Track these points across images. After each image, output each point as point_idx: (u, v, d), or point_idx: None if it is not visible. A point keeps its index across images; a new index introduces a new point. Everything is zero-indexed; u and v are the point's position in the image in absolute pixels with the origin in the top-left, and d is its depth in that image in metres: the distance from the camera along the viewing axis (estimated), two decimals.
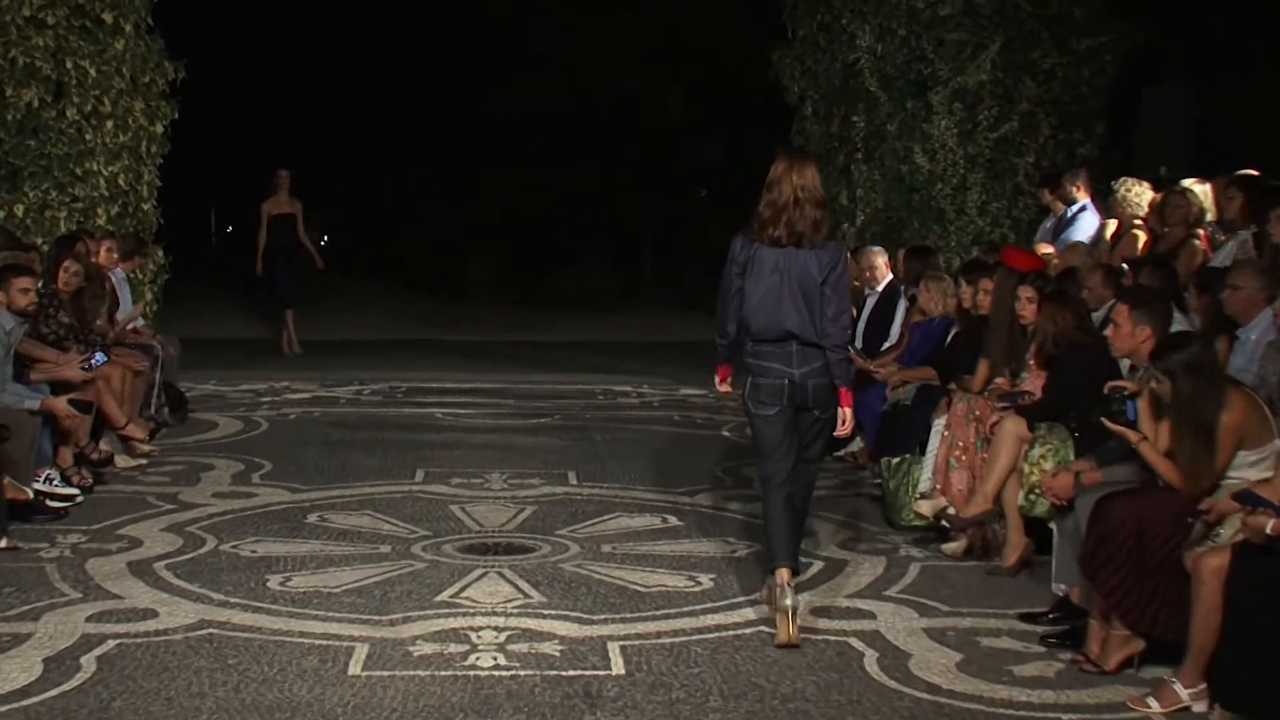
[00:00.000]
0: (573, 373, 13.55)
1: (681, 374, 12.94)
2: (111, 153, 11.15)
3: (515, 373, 13.48)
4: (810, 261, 5.44)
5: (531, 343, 16.57)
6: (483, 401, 11.48)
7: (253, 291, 16.93)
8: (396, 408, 11.10)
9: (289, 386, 12.19)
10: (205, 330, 15.52)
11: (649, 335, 17.34)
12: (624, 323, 19.42)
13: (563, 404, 11.41)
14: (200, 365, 12.76)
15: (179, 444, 9.16)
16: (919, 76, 11.60)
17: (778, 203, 5.47)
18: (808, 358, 5.46)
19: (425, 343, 16.32)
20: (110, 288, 9.34)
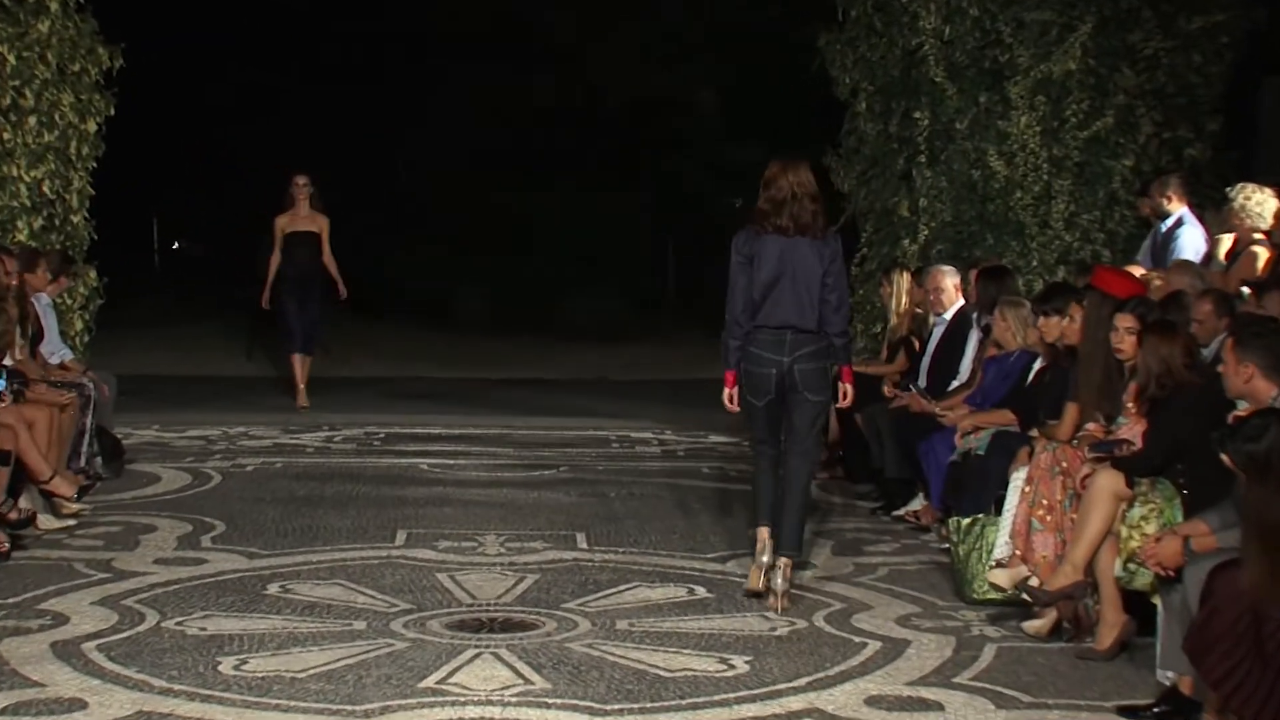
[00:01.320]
0: (583, 416, 13.58)
1: (710, 418, 12.91)
2: (35, 155, 11.26)
3: (515, 416, 13.52)
4: (812, 253, 6.97)
5: (534, 381, 16.62)
6: (476, 450, 11.50)
7: (200, 318, 17.06)
8: (374, 457, 11.14)
9: (245, 433, 12.25)
10: (146, 365, 15.63)
11: (673, 372, 17.36)
12: (644, 357, 19.45)
13: (571, 453, 11.43)
14: (140, 407, 12.83)
15: (114, 501, 9.20)
16: (994, 65, 11.66)
17: (777, 198, 7.02)
18: (799, 344, 6.99)
19: (408, 380, 16.39)
20: (33, 315, 9.42)
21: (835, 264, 7.03)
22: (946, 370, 9.28)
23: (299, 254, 13.34)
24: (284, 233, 13.39)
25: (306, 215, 13.41)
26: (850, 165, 12.88)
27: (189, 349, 18.78)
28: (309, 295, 13.40)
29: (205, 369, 17.08)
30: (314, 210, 13.43)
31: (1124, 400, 6.80)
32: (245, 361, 17.85)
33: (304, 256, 13.33)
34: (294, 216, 13.42)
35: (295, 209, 13.42)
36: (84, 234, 11.94)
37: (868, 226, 12.73)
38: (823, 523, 8.88)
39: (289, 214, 13.42)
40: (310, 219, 13.42)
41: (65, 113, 11.51)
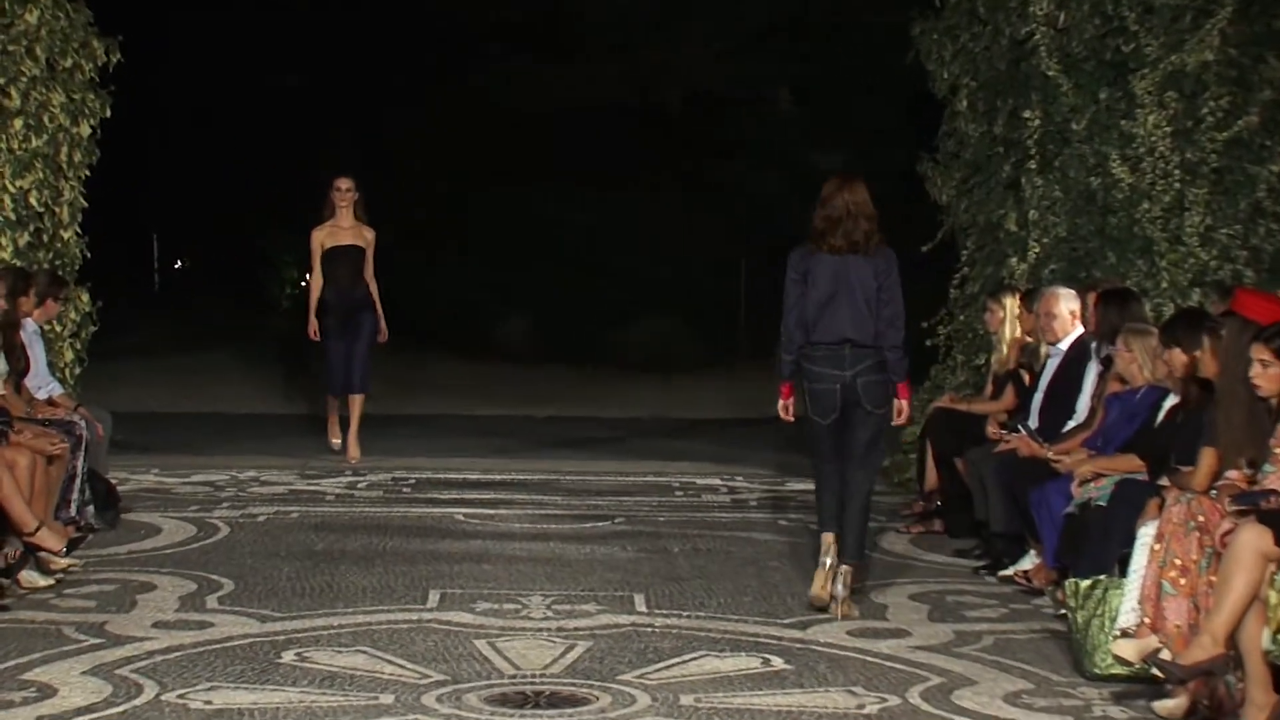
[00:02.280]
0: (641, 459, 13.59)
1: (787, 462, 12.91)
2: (21, 162, 11.38)
3: (563, 459, 13.55)
4: (866, 268, 8.05)
5: (585, 419, 16.65)
6: (519, 498, 11.52)
7: (206, 347, 17.21)
8: (403, 506, 11.18)
9: (257, 478, 12.33)
10: (145, 401, 15.79)
11: (744, 409, 17.32)
12: (711, 392, 19.46)
13: (627, 502, 11.42)
14: (138, 448, 12.94)
15: (108, 556, 9.27)
16: (1117, 56, 11.59)
17: (832, 216, 8.10)
18: (859, 359, 8.05)
19: (441, 419, 16.46)
20: (19, 344, 9.52)
21: (889, 278, 8.08)
22: (1061, 409, 9.21)
23: (341, 274, 12.80)
24: (323, 249, 12.83)
25: (349, 227, 12.84)
26: (949, 173, 12.84)
27: (193, 382, 18.95)
28: (355, 323, 12.83)
29: (212, 405, 17.22)
30: (358, 221, 12.87)
31: (1271, 444, 6.72)
32: (257, 396, 18.00)
33: (347, 277, 12.80)
34: (334, 229, 12.84)
35: (336, 219, 12.84)
36: (75, 251, 12.05)
37: (969, 243, 12.69)
38: (919, 584, 8.82)
39: (328, 226, 12.84)
40: (354, 231, 12.85)
41: (55, 114, 11.63)
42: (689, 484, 12.39)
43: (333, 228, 12.87)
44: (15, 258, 11.13)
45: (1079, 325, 9.42)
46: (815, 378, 8.10)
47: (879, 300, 8.04)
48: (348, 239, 12.85)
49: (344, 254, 12.80)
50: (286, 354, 14.44)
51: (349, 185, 12.89)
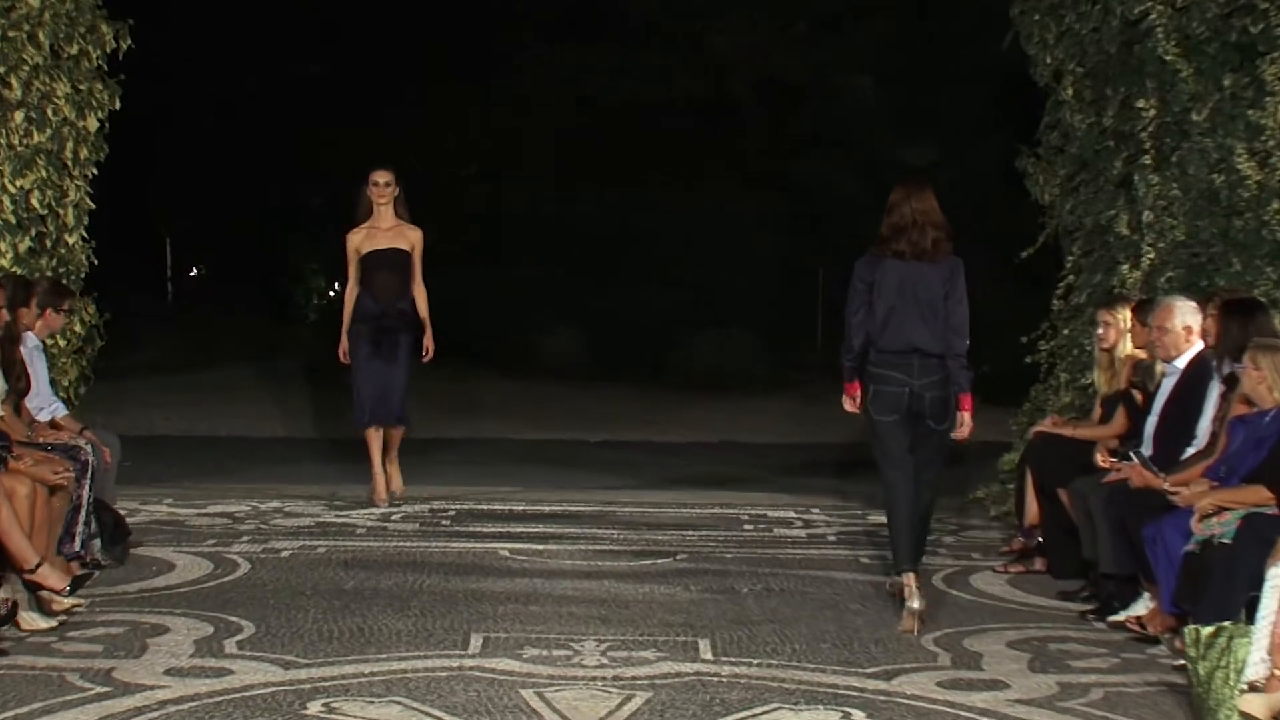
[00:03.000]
0: (706, 488, 13.60)
1: (870, 492, 12.85)
2: (22, 159, 11.45)
3: (619, 488, 13.56)
4: (933, 276, 8.73)
5: (643, 444, 16.67)
6: (570, 531, 11.53)
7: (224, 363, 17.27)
8: (442, 541, 11.20)
9: (280, 509, 12.39)
10: (157, 423, 15.91)
11: (821, 433, 17.30)
12: (784, 414, 19.43)
13: (691, 536, 11.41)
14: (149, 476, 13.03)
15: (116, 595, 9.31)
16: (1243, 37, 11.49)
17: (898, 224, 8.80)
18: (928, 370, 8.73)
19: (486, 444, 16.51)
20: (19, 360, 9.58)
21: (956, 286, 8.75)
22: (1179, 433, 9.13)
23: (380, 282, 12.34)
24: (360, 254, 12.39)
25: (390, 228, 12.40)
26: (1052, 169, 12.78)
27: (210, 402, 19.05)
28: (393, 342, 12.36)
29: (231, 428, 17.33)
30: (400, 220, 12.46)
31: None
32: (281, 418, 18.08)
33: (388, 286, 12.33)
34: (373, 230, 12.41)
35: (374, 219, 12.42)
36: (81, 258, 12.11)
37: (1075, 248, 12.61)
38: (1017, 630, 8.77)
39: (365, 227, 12.42)
40: (396, 233, 12.42)
41: (60, 106, 11.69)
42: (759, 516, 12.36)
43: (370, 229, 12.40)
44: (15, 265, 11.19)
45: (1199, 340, 9.33)
46: (882, 380, 8.81)
47: (945, 309, 8.72)
48: (388, 241, 12.36)
49: (384, 259, 12.33)
50: (314, 371, 14.44)
51: (388, 179, 12.45)
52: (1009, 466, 11.95)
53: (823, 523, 12.17)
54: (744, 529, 11.86)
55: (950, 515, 12.27)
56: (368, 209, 12.47)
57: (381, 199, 12.44)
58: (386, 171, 12.55)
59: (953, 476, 13.90)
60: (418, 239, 12.52)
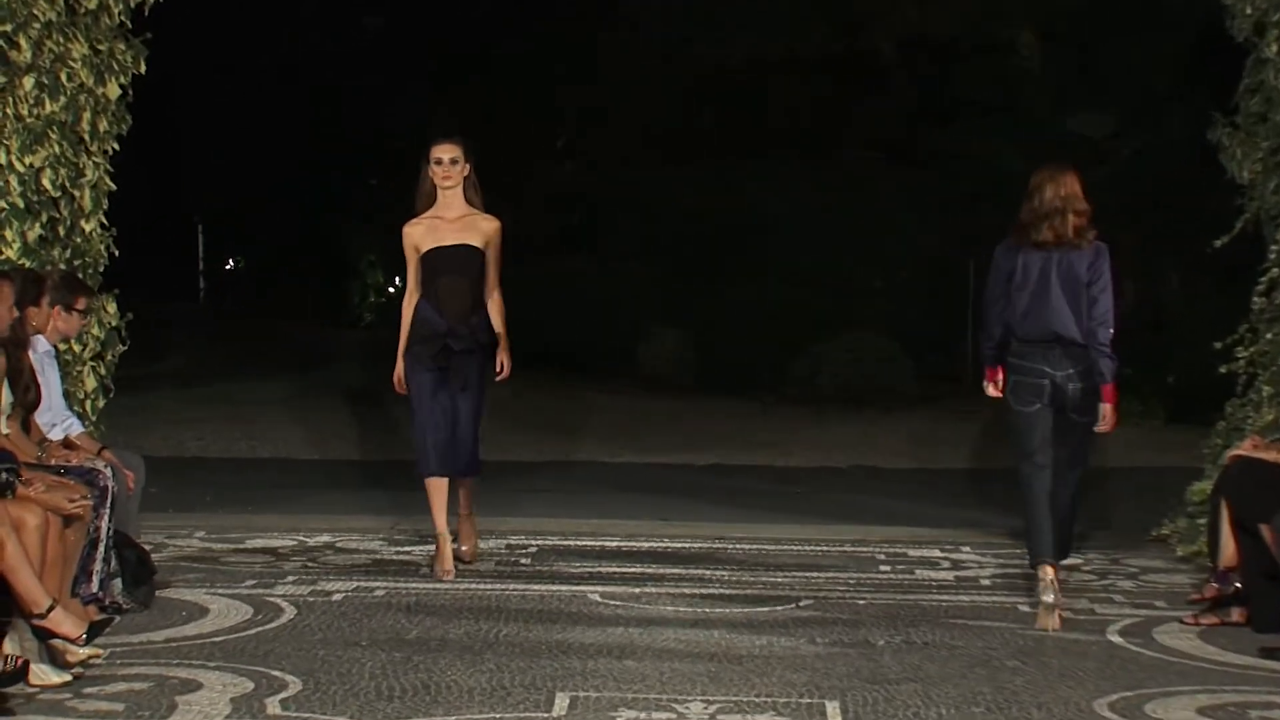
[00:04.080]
0: (835, 521, 13.55)
1: None
2: (32, 133, 11.48)
3: (731, 521, 13.53)
4: (1076, 263, 9.75)
5: (760, 469, 16.62)
6: (673, 572, 11.50)
7: (265, 371, 17.27)
8: (521, 583, 11.18)
9: (332, 543, 12.43)
10: (187, 441, 15.98)
11: (971, 456, 17.22)
12: (928, 433, 19.33)
13: (815, 578, 11.36)
14: (178, 503, 13.09)
15: (140, 644, 9.34)
16: None
17: (1040, 210, 9.80)
18: (1070, 360, 9.80)
19: (574, 468, 16.49)
20: (28, 368, 9.65)
21: (1100, 274, 9.73)
22: None
23: (447, 289, 11.17)
24: (420, 252, 11.25)
25: (459, 218, 11.23)
26: (1252, 142, 12.64)
27: (250, 418, 19.16)
28: (464, 365, 11.18)
29: (273, 448, 17.41)
30: (471, 208, 11.30)
31: None
32: (332, 437, 18.17)
33: (456, 294, 11.17)
34: (435, 223, 11.25)
35: (438, 207, 11.26)
36: (100, 248, 12.13)
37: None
38: (1211, 693, 8.68)
39: (427, 218, 11.27)
40: (466, 225, 11.24)
41: (76, 71, 11.71)
42: (898, 555, 12.28)
43: (433, 221, 11.25)
44: (23, 256, 11.21)
45: None
46: (1023, 371, 9.89)
47: (1089, 298, 9.75)
48: (456, 236, 11.19)
49: (451, 259, 11.15)
50: (370, 381, 14.39)
51: (454, 154, 11.22)
52: (1200, 498, 11.83)
53: (974, 563, 12.07)
54: (880, 570, 11.78)
55: (1128, 555, 12.17)
56: (429, 194, 11.27)
57: (447, 181, 11.20)
58: (452, 145, 11.27)
59: (1131, 509, 13.82)
60: (494, 232, 11.29)
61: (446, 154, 11.25)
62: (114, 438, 11.51)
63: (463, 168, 11.27)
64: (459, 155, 11.28)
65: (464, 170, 11.27)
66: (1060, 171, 9.94)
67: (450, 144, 11.31)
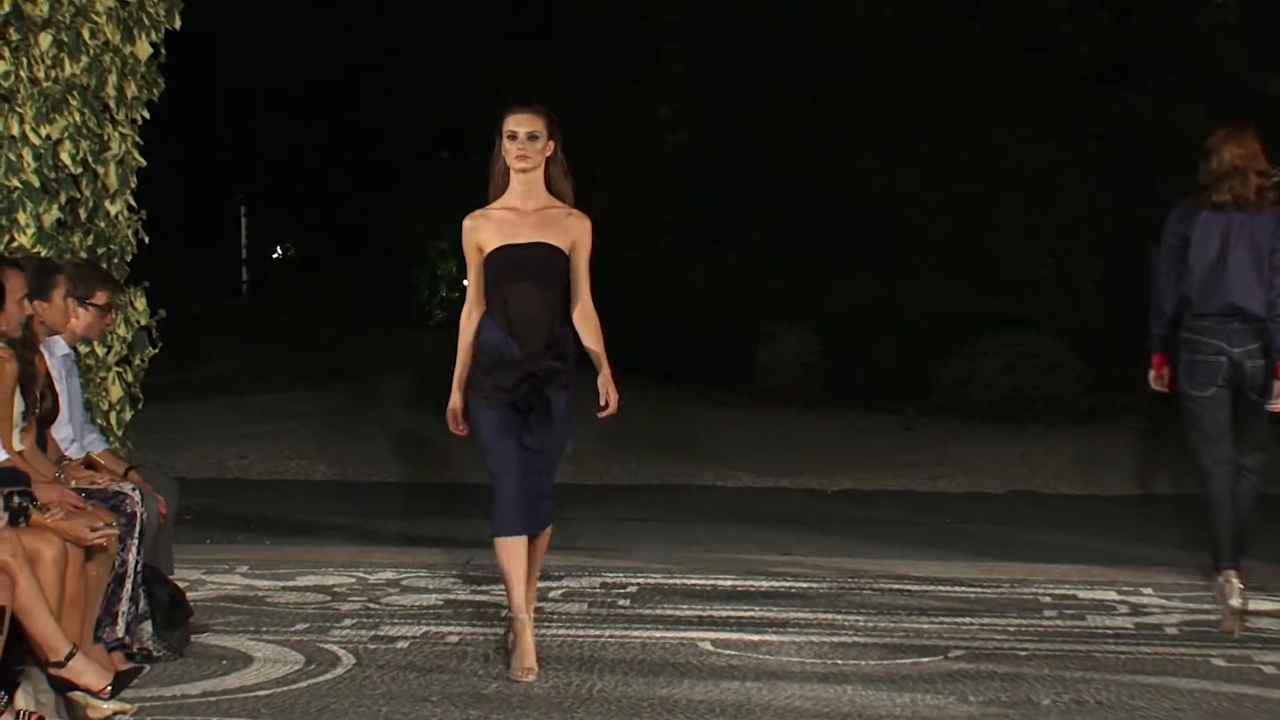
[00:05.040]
0: (990, 557, 13.56)
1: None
2: (49, 99, 11.55)
3: (864, 556, 13.50)
4: (1258, 230, 10.28)
5: (902, 495, 16.58)
6: (797, 617, 11.45)
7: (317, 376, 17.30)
8: (619, 628, 11.15)
9: (396, 580, 12.43)
10: (227, 460, 16.01)
11: (1152, 481, 17.13)
12: (1101, 455, 19.25)
13: (968, 625, 11.29)
14: (217, 532, 13.13)
15: (173, 698, 9.38)
16: None
17: (1217, 171, 10.33)
18: (1248, 336, 10.31)
19: (679, 493, 16.50)
20: (43, 374, 9.68)
21: None
22: None
23: (520, 302, 9.96)
24: (485, 252, 10.06)
25: (538, 209, 10.06)
26: None
27: (300, 434, 19.24)
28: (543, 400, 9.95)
29: (327, 468, 17.48)
30: (556, 199, 10.14)
31: None
32: (396, 456, 18.21)
33: (532, 309, 9.96)
34: (507, 215, 10.05)
35: (512, 195, 10.05)
36: (127, 233, 12.20)
37: None
38: None
39: (496, 210, 10.06)
40: (547, 219, 10.07)
41: (100, 26, 11.77)
42: (1066, 598, 12.17)
43: (504, 214, 10.10)
44: (39, 243, 11.28)
45: None
46: (1197, 348, 10.47)
47: (1271, 266, 10.31)
48: (533, 233, 10.02)
49: (526, 264, 10.01)
50: (442, 390, 14.29)
51: (534, 127, 9.99)
52: None
53: (1158, 608, 11.95)
54: (1044, 615, 11.68)
55: None
56: (502, 179, 10.11)
57: (523, 161, 10.00)
58: (532, 114, 10.03)
59: None
60: (582, 233, 10.14)
61: (524, 126, 9.97)
62: (143, 456, 11.56)
63: (544, 145, 10.04)
64: (540, 129, 10.01)
65: (546, 148, 10.05)
66: (1240, 130, 10.47)
67: (529, 113, 10.03)
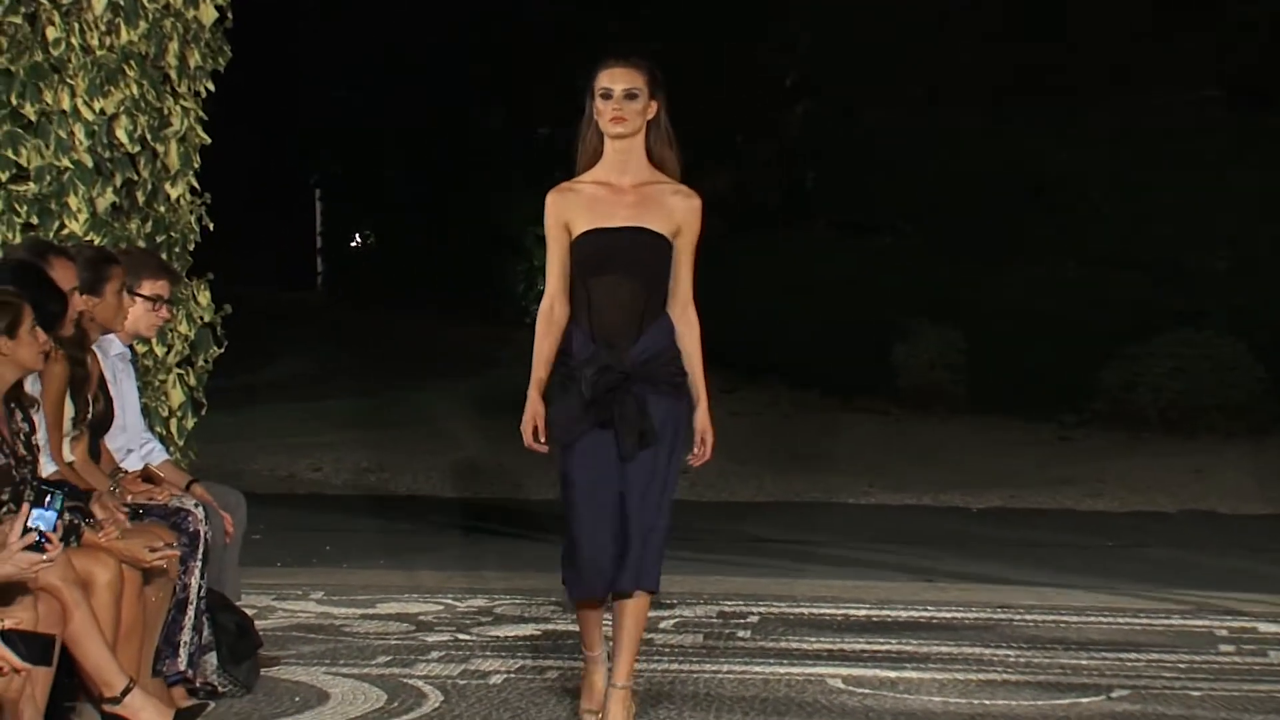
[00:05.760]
0: (1159, 585, 13.51)
1: None
2: (103, 69, 11.63)
3: (1017, 583, 13.52)
4: None
5: (1058, 514, 16.54)
6: (940, 650, 11.46)
7: (398, 376, 17.31)
8: (739, 661, 11.15)
9: (489, 609, 12.48)
10: (301, 474, 16.05)
11: None
12: (1276, 469, 19.15)
13: (1134, 661, 11.27)
14: (289, 554, 13.19)
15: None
16: None
17: None
18: None
19: (808, 510, 16.50)
20: (96, 377, 9.74)
21: None
22: None
23: (608, 297, 9.32)
24: (573, 235, 9.39)
25: (637, 185, 9.40)
26: None
27: (381, 441, 19.30)
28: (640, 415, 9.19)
29: (413, 482, 17.55)
30: (660, 173, 9.47)
31: None
32: (488, 468, 18.26)
33: (619, 302, 9.34)
34: (599, 192, 9.40)
35: (605, 167, 9.42)
36: (190, 219, 12.26)
37: None
38: None
39: (586, 184, 9.41)
40: (647, 198, 9.40)
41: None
42: (1245, 632, 12.11)
43: (595, 189, 9.46)
44: (91, 230, 11.33)
45: None
46: None
47: None
48: (629, 214, 9.38)
49: (617, 249, 9.37)
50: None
51: (632, 83, 9.34)
52: None
53: None
54: (1220, 651, 11.61)
55: None
56: (594, 147, 9.51)
57: (618, 125, 9.35)
58: (630, 69, 9.40)
59: None
60: (690, 214, 9.45)
61: (620, 83, 9.34)
62: (207, 468, 11.61)
63: (646, 106, 9.40)
64: (640, 85, 9.36)
65: (648, 109, 9.41)
66: None
67: (626, 67, 9.41)
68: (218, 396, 12.84)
